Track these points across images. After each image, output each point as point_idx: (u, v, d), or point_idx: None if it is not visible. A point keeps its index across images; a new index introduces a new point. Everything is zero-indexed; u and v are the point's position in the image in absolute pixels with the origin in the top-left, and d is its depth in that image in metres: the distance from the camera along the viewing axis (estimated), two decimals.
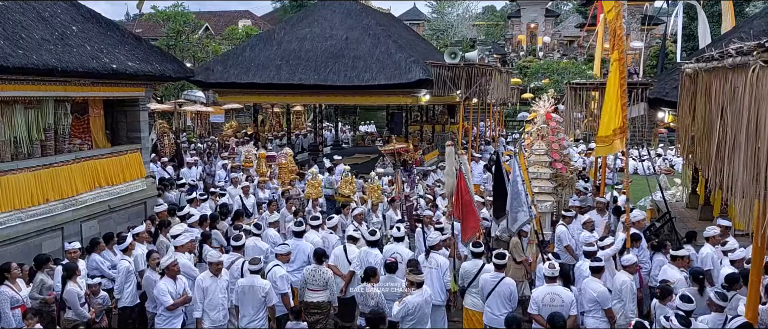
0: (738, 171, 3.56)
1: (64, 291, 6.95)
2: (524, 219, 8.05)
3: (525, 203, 8.00)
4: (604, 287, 6.77)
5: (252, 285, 6.71)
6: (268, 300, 6.70)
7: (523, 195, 8.00)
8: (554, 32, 48.23)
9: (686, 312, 5.56)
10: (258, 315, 6.71)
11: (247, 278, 6.83)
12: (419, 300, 6.25)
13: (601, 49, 19.69)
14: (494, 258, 7.03)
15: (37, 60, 8.68)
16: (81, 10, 11.36)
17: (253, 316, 6.70)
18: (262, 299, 6.68)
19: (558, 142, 11.41)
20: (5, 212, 8.86)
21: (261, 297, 6.67)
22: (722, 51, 3.83)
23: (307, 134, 25.51)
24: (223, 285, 6.80)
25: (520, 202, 7.98)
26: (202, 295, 6.71)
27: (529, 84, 35.85)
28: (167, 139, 17.10)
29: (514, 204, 7.98)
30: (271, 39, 18.69)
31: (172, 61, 13.00)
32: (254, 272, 6.80)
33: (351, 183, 12.49)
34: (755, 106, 3.37)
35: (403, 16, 51.49)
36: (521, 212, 7.97)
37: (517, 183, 8.00)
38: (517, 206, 7.99)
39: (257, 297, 6.67)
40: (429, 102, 19.33)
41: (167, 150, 16.65)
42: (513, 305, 6.86)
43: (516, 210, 7.99)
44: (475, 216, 7.78)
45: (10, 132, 9.26)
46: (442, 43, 44.02)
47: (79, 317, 6.85)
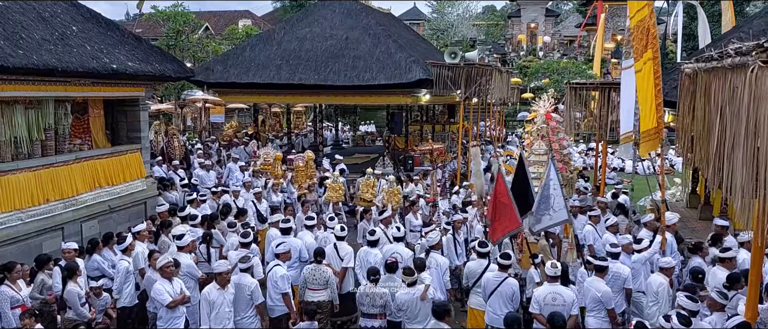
0: (737, 171, 3.57)
1: (64, 291, 6.96)
2: (550, 222, 7.86)
3: (555, 207, 7.74)
4: (607, 287, 6.78)
5: (239, 283, 6.72)
6: (254, 298, 6.69)
7: (553, 199, 7.74)
8: (554, 32, 48.25)
9: (691, 312, 5.53)
10: (247, 313, 6.72)
11: (236, 276, 6.84)
12: (407, 297, 6.60)
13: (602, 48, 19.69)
14: (499, 258, 7.05)
15: (38, 60, 8.69)
16: (81, 10, 11.37)
17: (243, 314, 6.72)
18: (248, 297, 6.68)
19: (558, 141, 11.41)
20: (6, 212, 8.87)
21: (247, 296, 6.68)
22: (721, 51, 3.83)
23: (308, 134, 25.52)
24: (229, 299, 6.60)
25: (548, 206, 7.76)
26: (209, 309, 6.49)
27: (529, 84, 35.88)
28: (176, 140, 16.42)
29: (541, 206, 7.81)
30: (271, 39, 18.68)
31: (172, 61, 13.00)
32: (243, 270, 6.81)
33: (372, 187, 12.32)
34: (754, 106, 3.37)
35: (403, 15, 51.53)
36: (547, 215, 7.78)
37: (549, 186, 7.76)
38: (543, 209, 7.80)
39: (244, 295, 6.69)
40: (429, 102, 19.31)
41: (177, 152, 16.04)
42: (515, 305, 6.87)
43: (542, 212, 7.82)
44: (512, 217, 7.42)
45: (11, 132, 9.27)
46: (443, 42, 44.04)
47: (79, 317, 6.86)
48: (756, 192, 3.46)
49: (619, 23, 40.73)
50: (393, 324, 6.94)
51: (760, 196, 3.43)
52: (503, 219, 7.51)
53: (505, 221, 7.46)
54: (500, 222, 7.54)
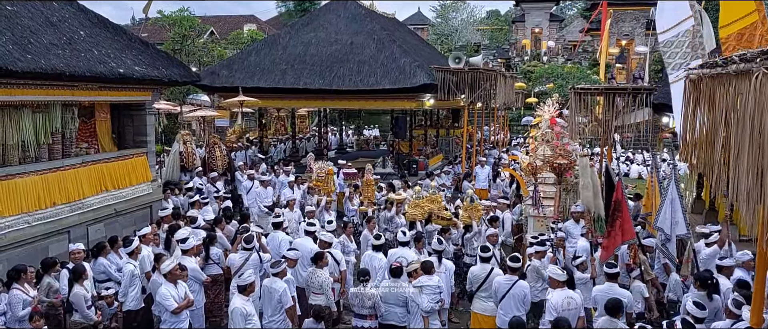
0: (742, 177, 3.58)
1: (70, 294, 7.00)
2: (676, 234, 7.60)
3: (677, 219, 7.50)
4: (629, 292, 6.80)
5: (269, 286, 6.82)
6: (283, 302, 6.77)
7: (673, 213, 7.50)
8: (559, 37, 48.24)
9: (697, 319, 5.52)
10: (275, 317, 6.80)
11: (268, 279, 6.95)
12: (385, 291, 6.92)
13: (606, 53, 19.69)
14: (509, 261, 7.08)
15: (46, 64, 8.76)
16: (89, 15, 11.46)
17: (271, 317, 6.81)
18: (277, 301, 6.75)
19: (562, 146, 11.41)
20: (13, 215, 8.93)
21: (276, 299, 6.75)
22: (726, 57, 3.85)
23: (311, 138, 25.59)
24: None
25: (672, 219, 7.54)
26: (243, 322, 6.28)
27: (534, 88, 35.87)
28: (219, 150, 14.63)
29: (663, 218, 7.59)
30: (276, 43, 18.78)
31: (179, 66, 13.08)
32: (275, 274, 6.89)
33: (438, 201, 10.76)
34: (759, 113, 3.38)
35: (407, 20, 51.61)
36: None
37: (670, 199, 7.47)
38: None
39: (274, 299, 6.77)
40: (433, 106, 19.36)
41: (219, 162, 14.46)
42: (526, 307, 6.89)
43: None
44: (629, 231, 7.12)
45: (18, 135, 9.35)
46: (447, 47, 44.09)
47: (85, 319, 6.89)
48: (761, 198, 3.47)
49: (624, 28, 40.70)
50: (384, 326, 6.99)
51: (766, 203, 3.44)
52: (618, 237, 7.26)
53: (621, 236, 7.23)
54: (615, 239, 7.26)
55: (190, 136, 14.94)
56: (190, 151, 14.38)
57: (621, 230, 7.15)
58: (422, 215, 10.28)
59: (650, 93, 10.95)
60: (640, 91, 10.83)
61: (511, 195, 13.45)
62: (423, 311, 6.75)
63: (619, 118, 11.14)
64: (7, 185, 8.90)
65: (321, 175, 12.58)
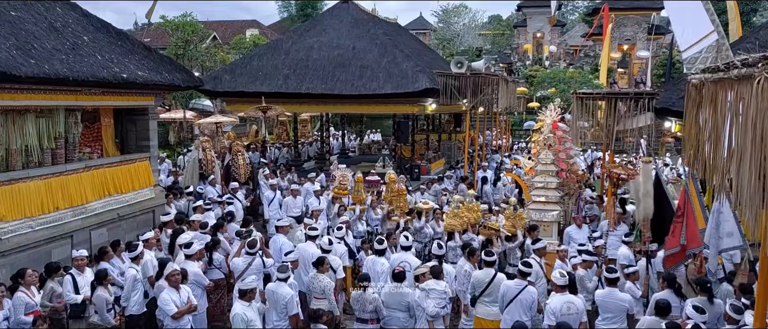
0: (744, 182, 3.58)
1: (93, 296, 7.09)
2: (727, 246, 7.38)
3: (730, 230, 7.24)
4: (630, 296, 6.89)
5: (275, 291, 6.83)
6: (288, 309, 6.77)
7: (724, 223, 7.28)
8: (560, 41, 48.26)
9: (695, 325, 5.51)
10: (280, 322, 6.83)
11: (274, 284, 6.96)
12: (387, 295, 6.98)
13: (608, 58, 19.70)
14: (520, 265, 7.09)
15: (49, 69, 8.79)
16: (92, 21, 11.51)
17: (276, 322, 6.84)
18: (282, 306, 6.77)
19: (565, 151, 11.43)
20: (16, 220, 8.95)
21: (282, 304, 6.77)
22: (728, 62, 3.85)
23: (313, 142, 25.61)
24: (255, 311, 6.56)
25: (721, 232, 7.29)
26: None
27: (536, 93, 35.87)
28: (242, 158, 13.96)
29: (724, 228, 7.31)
30: (278, 48, 18.84)
31: (181, 71, 13.12)
32: (281, 279, 6.90)
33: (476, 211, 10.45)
34: (761, 117, 3.39)
35: (409, 25, 51.73)
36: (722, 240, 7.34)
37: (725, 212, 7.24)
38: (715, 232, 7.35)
39: (280, 304, 6.79)
40: (435, 111, 19.39)
41: (241, 171, 13.92)
42: (532, 313, 6.87)
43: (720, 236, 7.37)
44: (694, 238, 6.97)
45: (22, 140, 9.37)
46: (449, 52, 44.20)
47: (103, 322, 6.92)
48: (764, 202, 3.48)
49: (625, 33, 40.72)
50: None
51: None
52: (673, 237, 7.16)
53: (674, 238, 7.14)
54: (675, 239, 7.13)
55: (209, 143, 14.67)
56: (209, 158, 14.16)
57: (687, 238, 6.97)
58: (461, 226, 9.81)
59: (652, 97, 10.97)
60: (643, 95, 10.85)
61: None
62: (428, 315, 6.75)
63: (621, 122, 11.16)
64: (10, 190, 8.92)
65: (343, 183, 11.89)
